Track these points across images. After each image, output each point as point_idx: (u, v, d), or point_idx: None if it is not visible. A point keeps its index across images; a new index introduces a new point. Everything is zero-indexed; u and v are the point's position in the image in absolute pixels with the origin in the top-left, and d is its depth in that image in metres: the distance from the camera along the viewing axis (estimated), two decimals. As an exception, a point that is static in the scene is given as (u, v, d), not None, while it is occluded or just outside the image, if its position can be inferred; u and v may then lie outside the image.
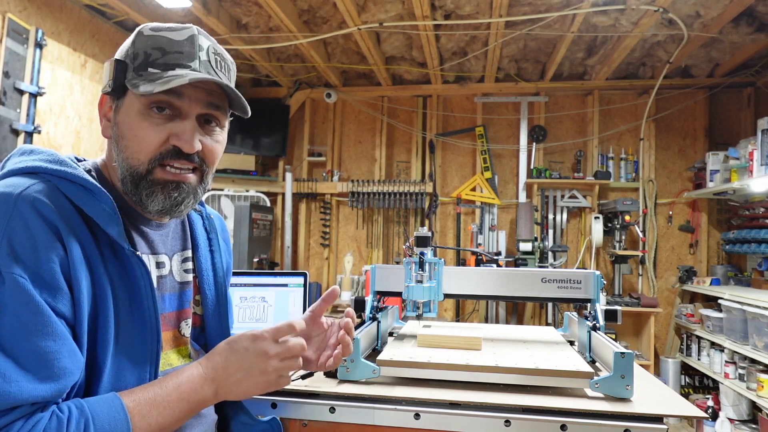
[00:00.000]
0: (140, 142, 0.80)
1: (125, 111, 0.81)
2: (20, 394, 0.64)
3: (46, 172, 0.76)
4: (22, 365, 0.65)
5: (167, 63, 0.81)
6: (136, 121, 0.80)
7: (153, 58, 0.81)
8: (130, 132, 0.81)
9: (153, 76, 0.79)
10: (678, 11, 3.21)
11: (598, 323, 1.36)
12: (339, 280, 4.68)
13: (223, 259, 1.04)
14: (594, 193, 4.34)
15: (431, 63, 4.19)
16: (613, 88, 4.43)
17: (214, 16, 3.30)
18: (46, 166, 0.77)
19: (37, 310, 0.67)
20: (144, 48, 0.81)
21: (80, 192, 0.76)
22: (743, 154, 3.52)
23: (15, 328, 0.66)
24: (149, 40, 0.82)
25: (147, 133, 0.80)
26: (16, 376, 0.64)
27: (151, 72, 0.80)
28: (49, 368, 0.67)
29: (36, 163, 0.77)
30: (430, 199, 4.58)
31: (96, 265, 0.75)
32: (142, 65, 0.81)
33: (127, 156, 0.81)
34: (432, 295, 1.36)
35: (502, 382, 1.16)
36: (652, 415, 1.02)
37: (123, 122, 0.81)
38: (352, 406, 1.11)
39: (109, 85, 0.82)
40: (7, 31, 2.73)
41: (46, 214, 0.71)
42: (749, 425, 3.35)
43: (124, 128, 0.81)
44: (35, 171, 0.76)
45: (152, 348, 0.81)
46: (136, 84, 0.79)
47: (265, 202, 4.67)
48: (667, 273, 4.38)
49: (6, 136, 2.72)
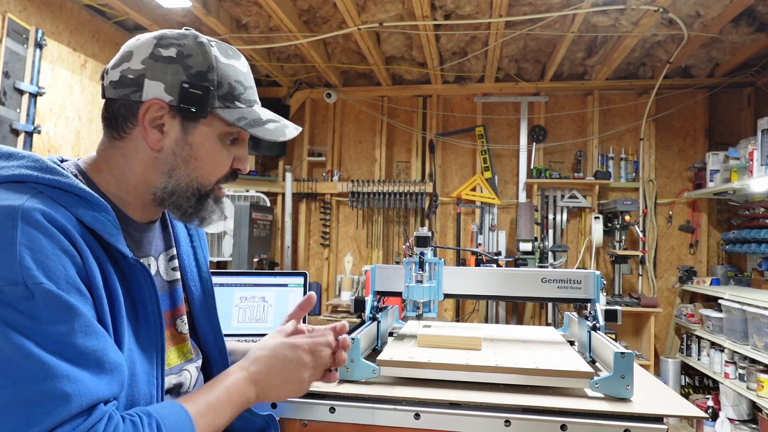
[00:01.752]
0: (217, 166, 0.86)
1: (204, 135, 0.84)
2: (89, 392, 0.65)
3: (37, 182, 0.73)
4: (79, 365, 0.65)
5: (249, 99, 0.88)
6: (217, 147, 0.85)
7: (238, 92, 0.85)
8: (209, 157, 0.85)
9: (244, 113, 0.85)
10: (678, 11, 3.21)
11: (598, 323, 1.36)
12: (339, 280, 4.68)
13: (206, 254, 1.06)
14: (594, 193, 4.34)
15: (431, 63, 4.19)
16: (613, 88, 4.43)
17: (214, 16, 3.30)
18: (36, 174, 0.73)
19: (74, 312, 0.67)
20: (227, 79, 0.84)
21: (77, 202, 0.74)
22: (743, 154, 3.52)
23: (61, 334, 0.65)
24: (229, 70, 0.85)
25: (224, 158, 0.87)
26: (80, 376, 0.65)
27: (239, 107, 0.85)
28: (102, 364, 0.67)
29: (22, 171, 0.73)
30: (430, 199, 4.58)
31: (108, 272, 0.75)
32: (229, 97, 0.84)
33: (198, 176, 0.85)
34: (432, 295, 1.36)
35: (502, 382, 1.16)
36: (652, 415, 1.02)
37: (201, 145, 0.84)
38: (352, 406, 1.11)
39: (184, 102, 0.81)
40: (7, 31, 2.73)
41: (56, 222, 0.69)
42: (749, 425, 3.35)
43: (201, 151, 0.84)
44: (23, 180, 0.73)
45: (158, 351, 0.82)
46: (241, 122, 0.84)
47: (265, 202, 4.67)
48: (667, 273, 4.38)
49: (6, 136, 2.72)
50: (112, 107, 0.82)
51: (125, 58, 0.82)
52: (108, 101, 0.83)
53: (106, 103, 0.83)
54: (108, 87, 0.82)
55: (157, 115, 0.81)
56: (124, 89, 0.81)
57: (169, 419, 0.72)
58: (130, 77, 0.81)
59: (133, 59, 0.81)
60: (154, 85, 0.80)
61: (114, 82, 0.82)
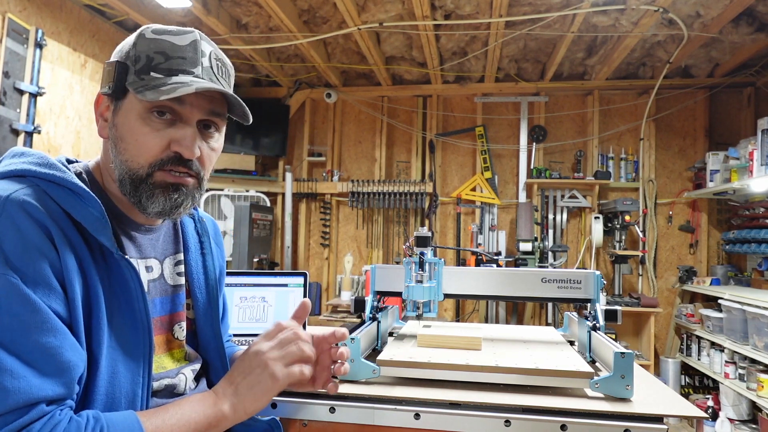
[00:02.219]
0: (141, 147, 0.80)
1: (125, 113, 0.81)
2: (30, 390, 0.64)
3: (35, 176, 0.75)
4: (26, 362, 0.65)
5: (170, 68, 0.80)
6: (137, 126, 0.80)
7: (156, 62, 0.80)
8: (130, 136, 0.80)
9: (156, 81, 0.79)
10: (678, 11, 3.21)
11: (598, 323, 1.36)
12: (339, 280, 4.68)
13: (216, 262, 1.03)
14: (594, 193, 4.34)
15: (431, 63, 4.19)
16: (613, 88, 4.43)
17: (214, 16, 3.30)
18: (35, 169, 0.76)
19: (34, 308, 0.67)
20: (146, 51, 0.81)
21: (68, 196, 0.75)
22: (743, 154, 3.52)
23: (14, 327, 0.66)
24: (152, 44, 0.81)
25: (148, 138, 0.80)
26: (24, 372, 0.64)
27: (154, 77, 0.79)
28: (53, 363, 0.67)
29: (24, 166, 0.76)
30: (430, 199, 4.58)
31: (87, 268, 0.75)
32: (144, 69, 0.80)
33: (126, 159, 0.81)
34: (432, 295, 1.36)
35: (502, 382, 1.16)
36: (652, 415, 1.03)
37: (122, 125, 0.81)
38: (352, 406, 1.11)
39: (110, 87, 0.81)
40: (7, 31, 2.73)
41: (36, 216, 0.70)
42: (749, 425, 3.35)
43: (124, 131, 0.81)
44: (23, 174, 0.76)
45: (145, 351, 0.81)
46: (139, 89, 0.78)
47: (265, 202, 4.67)
48: (667, 273, 4.38)
49: (6, 136, 2.72)
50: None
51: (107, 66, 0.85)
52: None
53: None
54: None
55: (103, 106, 0.84)
56: (102, 88, 0.85)
57: (117, 427, 0.70)
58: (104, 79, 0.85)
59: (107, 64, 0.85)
60: (106, 80, 0.83)
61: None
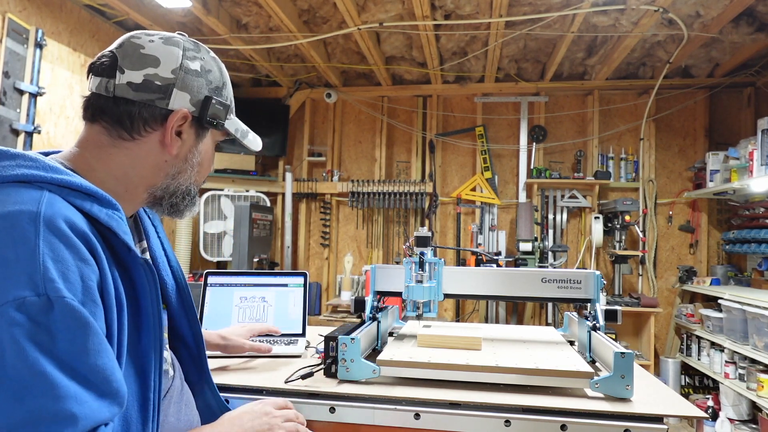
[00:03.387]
0: (209, 169, 0.97)
1: (208, 143, 0.94)
2: (93, 415, 0.65)
3: (43, 181, 0.73)
4: (86, 386, 0.65)
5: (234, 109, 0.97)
6: (211, 154, 0.96)
7: (233, 105, 0.96)
8: (207, 162, 0.95)
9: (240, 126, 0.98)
10: (678, 11, 3.21)
11: (598, 323, 1.36)
12: (339, 280, 4.68)
13: (169, 245, 1.07)
14: (594, 193, 4.34)
15: (431, 63, 4.19)
16: (613, 88, 4.43)
17: (214, 16, 3.30)
18: (41, 174, 0.73)
19: (90, 330, 0.67)
20: (230, 93, 0.95)
21: (88, 201, 0.75)
22: (743, 154, 3.52)
23: (73, 352, 0.65)
24: (230, 84, 0.96)
25: (213, 162, 0.98)
26: (86, 398, 0.65)
27: (232, 118, 0.96)
28: (108, 384, 0.68)
29: (25, 171, 0.72)
30: (430, 199, 4.58)
31: (112, 272, 0.75)
32: (231, 110, 0.95)
33: (197, 180, 0.94)
34: (432, 295, 1.36)
35: (502, 382, 1.16)
36: (652, 415, 1.03)
37: (205, 153, 0.93)
38: (352, 406, 1.11)
39: (202, 115, 0.88)
40: (7, 31, 2.73)
41: (75, 231, 0.69)
42: (749, 425, 3.35)
43: (204, 158, 0.94)
44: (27, 179, 0.72)
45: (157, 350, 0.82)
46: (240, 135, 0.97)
47: (265, 202, 4.67)
48: (667, 273, 4.38)
49: (6, 136, 2.72)
50: (126, 108, 0.82)
51: (149, 63, 0.82)
52: (120, 100, 0.81)
53: (116, 101, 0.81)
54: (124, 87, 0.81)
55: (180, 123, 0.86)
56: (149, 94, 0.82)
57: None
58: (158, 84, 0.82)
59: (161, 66, 0.83)
60: (181, 95, 0.85)
61: (135, 84, 0.81)
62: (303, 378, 1.20)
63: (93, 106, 0.83)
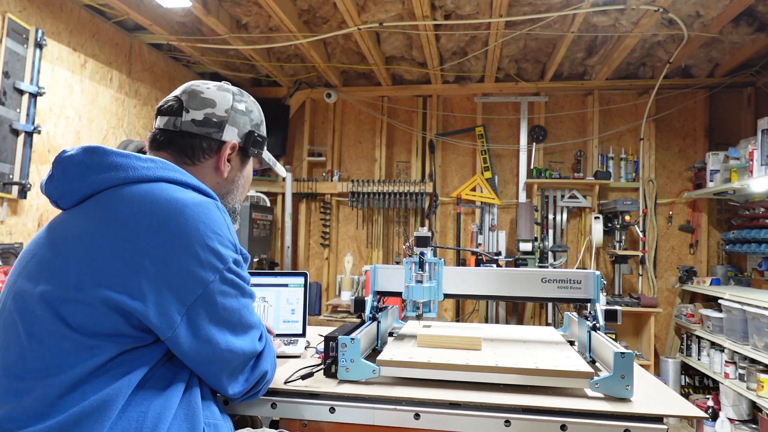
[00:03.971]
0: (247, 191, 1.21)
1: (249, 169, 1.18)
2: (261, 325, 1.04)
3: (176, 182, 0.97)
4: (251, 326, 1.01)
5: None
6: (250, 178, 1.20)
7: (266, 138, 1.19)
8: (248, 185, 1.19)
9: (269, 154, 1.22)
10: (678, 11, 3.21)
11: (598, 323, 1.36)
12: (339, 280, 4.68)
13: None
14: (594, 193, 4.34)
15: (431, 63, 4.19)
16: (613, 88, 4.43)
17: (214, 16, 3.30)
18: (184, 179, 0.98)
19: (247, 292, 1.01)
20: (265, 129, 1.21)
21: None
22: (743, 154, 3.52)
23: (250, 292, 1.01)
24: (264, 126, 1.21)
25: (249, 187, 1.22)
26: (259, 324, 1.03)
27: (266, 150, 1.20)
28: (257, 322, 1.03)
29: (172, 174, 0.96)
30: (430, 199, 4.58)
31: None
32: (266, 142, 1.19)
33: (241, 198, 1.18)
34: (432, 295, 1.36)
35: (502, 382, 1.16)
36: (652, 415, 1.03)
37: (246, 176, 1.17)
38: (352, 406, 1.11)
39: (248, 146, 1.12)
40: (7, 31, 2.72)
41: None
42: (749, 425, 3.35)
43: (246, 182, 1.18)
44: (175, 181, 0.96)
45: None
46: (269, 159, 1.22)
47: (265, 202, 4.67)
48: (667, 273, 4.38)
49: (6, 136, 2.72)
50: (190, 139, 1.06)
51: (208, 104, 1.07)
52: (186, 134, 1.06)
53: (181, 134, 1.05)
54: (189, 123, 1.05)
55: (230, 152, 1.10)
56: (208, 128, 1.07)
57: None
58: (215, 120, 1.07)
59: (217, 107, 1.08)
60: (231, 129, 1.10)
61: (198, 121, 1.06)
62: (303, 378, 1.20)
63: (160, 139, 1.06)
